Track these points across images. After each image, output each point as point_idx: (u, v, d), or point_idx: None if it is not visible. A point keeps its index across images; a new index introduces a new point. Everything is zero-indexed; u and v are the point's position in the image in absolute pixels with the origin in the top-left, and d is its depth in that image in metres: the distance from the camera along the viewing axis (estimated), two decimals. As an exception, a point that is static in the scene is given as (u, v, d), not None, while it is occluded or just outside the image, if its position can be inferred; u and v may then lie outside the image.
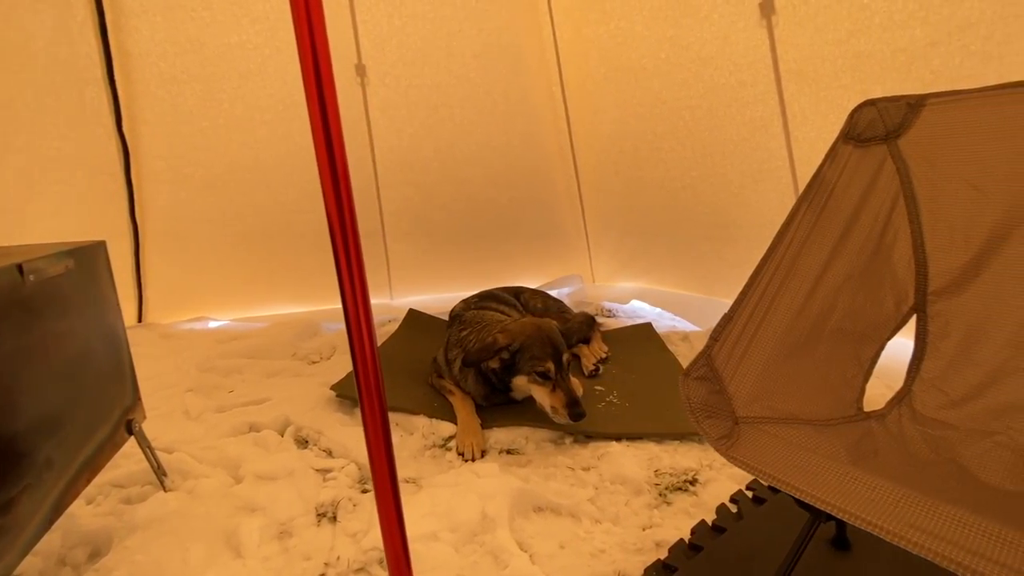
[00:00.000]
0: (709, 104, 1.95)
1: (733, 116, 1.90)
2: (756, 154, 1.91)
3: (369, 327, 0.62)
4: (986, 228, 0.92)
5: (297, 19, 0.53)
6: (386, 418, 0.65)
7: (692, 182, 2.21)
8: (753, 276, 0.94)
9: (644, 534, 1.21)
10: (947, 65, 1.36)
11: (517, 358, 1.57)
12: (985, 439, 0.84)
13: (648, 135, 2.23)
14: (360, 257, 0.60)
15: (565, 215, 2.92)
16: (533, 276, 3.10)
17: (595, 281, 3.21)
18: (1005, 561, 0.53)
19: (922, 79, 1.42)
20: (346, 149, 2.24)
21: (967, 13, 1.29)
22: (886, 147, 1.04)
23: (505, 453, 1.56)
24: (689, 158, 2.15)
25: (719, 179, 2.10)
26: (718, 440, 0.78)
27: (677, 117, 2.07)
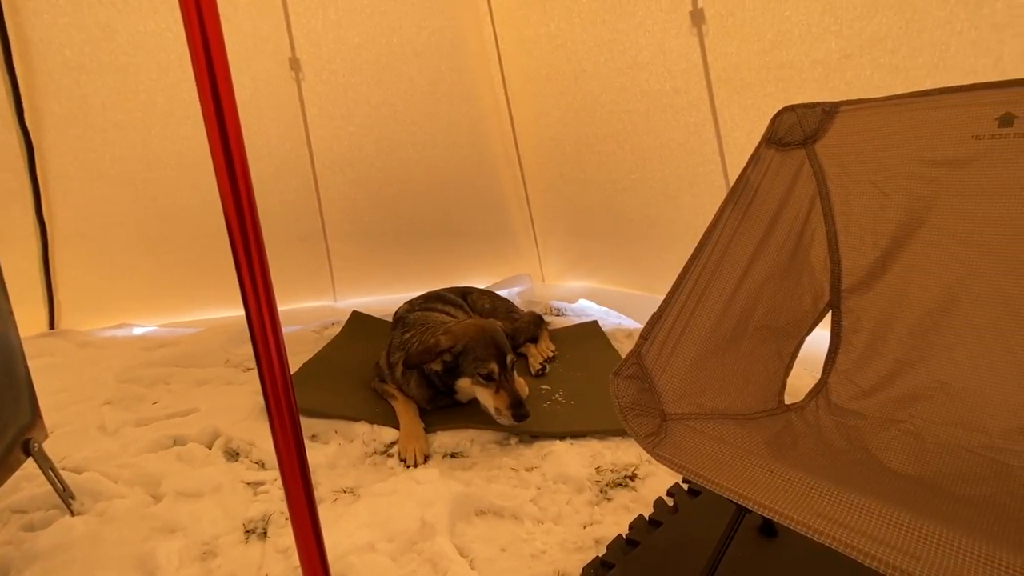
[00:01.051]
0: (646, 109, 2.00)
1: (669, 121, 1.96)
2: (691, 158, 1.98)
3: (277, 339, 0.58)
4: (891, 228, 0.98)
5: (185, 5, 0.49)
6: (299, 434, 0.61)
7: (632, 184, 2.26)
8: (681, 275, 0.96)
9: (585, 532, 1.22)
10: (859, 76, 1.45)
11: (460, 360, 1.55)
12: (891, 427, 0.90)
13: (589, 137, 2.26)
14: (264, 261, 0.56)
15: (514, 215, 2.92)
16: (482, 276, 3.08)
17: (545, 280, 3.23)
18: (900, 545, 0.57)
19: (838, 89, 1.51)
20: (281, 146, 2.17)
21: (876, 28, 1.38)
22: (804, 151, 1.09)
23: (449, 457, 1.54)
24: (629, 161, 2.20)
25: (657, 182, 2.16)
26: (645, 438, 0.79)
27: (616, 120, 2.11)
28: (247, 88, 2.12)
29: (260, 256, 0.55)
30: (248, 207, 0.54)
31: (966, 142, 0.92)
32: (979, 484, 0.78)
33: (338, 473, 1.44)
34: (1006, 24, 1.20)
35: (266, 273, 0.56)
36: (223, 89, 0.51)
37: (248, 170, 0.54)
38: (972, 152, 0.91)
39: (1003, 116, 0.89)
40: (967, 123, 0.92)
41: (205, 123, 0.51)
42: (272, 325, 0.58)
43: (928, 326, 0.93)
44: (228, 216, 0.54)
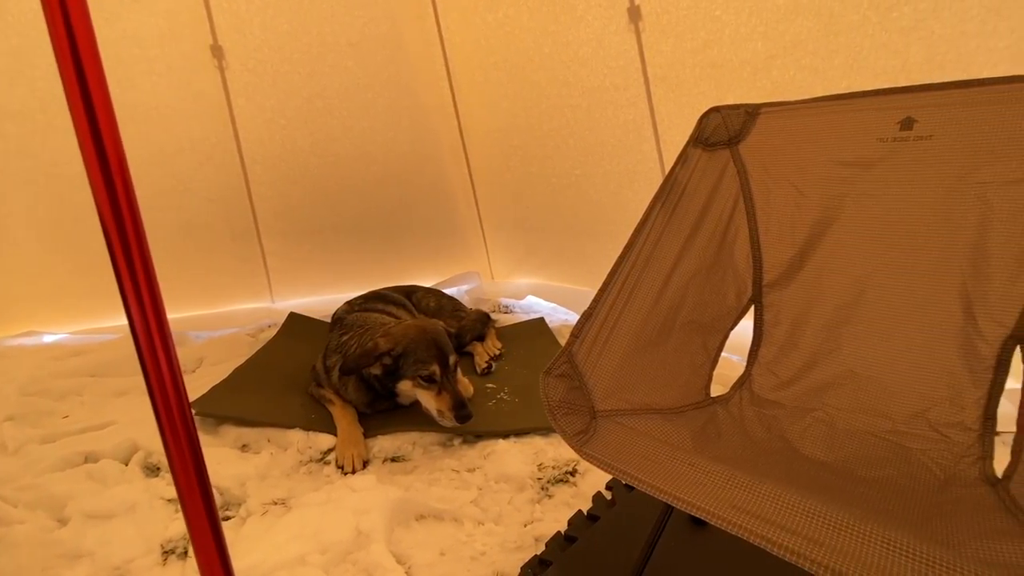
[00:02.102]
0: (588, 104, 2.02)
1: (609, 118, 1.98)
2: (631, 155, 2.01)
3: (167, 350, 0.53)
4: (807, 226, 1.03)
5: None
6: (196, 451, 0.56)
7: (576, 180, 2.28)
8: (611, 273, 0.97)
9: (525, 530, 1.22)
10: (783, 77, 1.51)
11: (400, 363, 1.51)
12: (807, 415, 0.94)
13: (535, 131, 2.26)
14: (148, 263, 0.51)
15: (461, 211, 2.88)
16: (429, 274, 3.02)
17: (494, 278, 3.21)
18: (806, 532, 0.59)
19: (765, 89, 1.57)
20: (205, 139, 2.03)
21: (798, 31, 1.44)
22: (729, 152, 1.12)
23: (390, 461, 1.50)
24: (572, 156, 2.21)
25: (600, 178, 2.18)
26: (574, 436, 0.79)
27: (560, 115, 2.12)
28: (163, 76, 1.97)
29: (143, 257, 0.50)
30: (127, 203, 0.49)
31: (872, 144, 0.97)
32: (883, 467, 0.83)
33: (269, 484, 1.37)
34: (912, 28, 1.29)
35: (151, 276, 0.51)
36: (89, 67, 0.45)
37: (124, 161, 0.48)
38: (877, 154, 0.97)
39: (904, 120, 0.95)
40: (873, 126, 0.97)
41: (69, 106, 0.46)
42: (160, 332, 0.53)
43: (840, 319, 0.98)
44: (102, 213, 0.49)
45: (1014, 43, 1.18)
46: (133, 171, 1.75)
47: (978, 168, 0.87)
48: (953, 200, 0.88)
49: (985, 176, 0.86)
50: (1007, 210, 0.84)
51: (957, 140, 0.89)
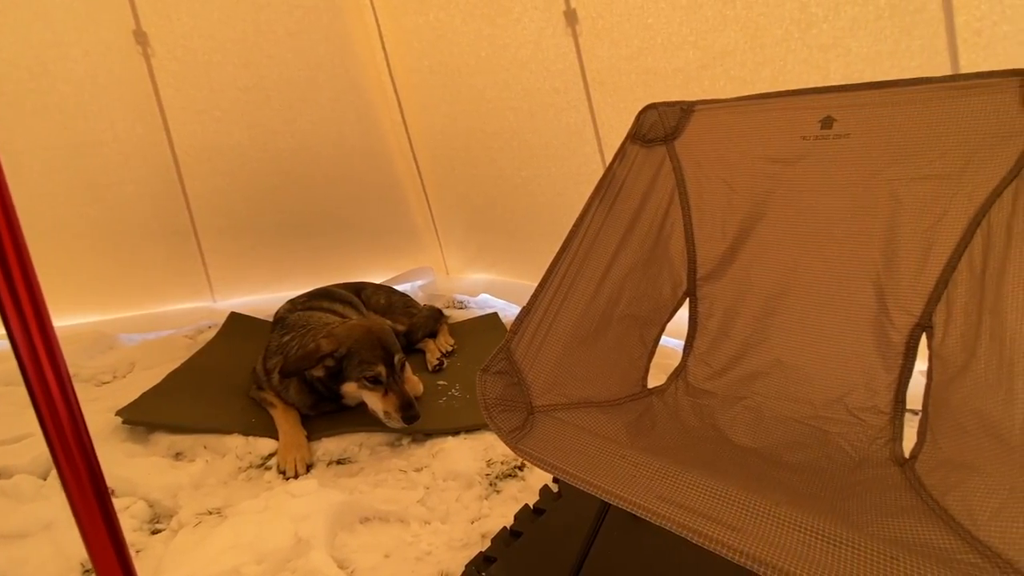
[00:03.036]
0: (529, 107, 2.01)
1: (551, 121, 1.98)
2: (574, 158, 2.02)
3: (52, 355, 0.49)
4: (737, 221, 1.06)
5: None
6: (94, 470, 0.52)
7: (523, 182, 2.27)
8: (550, 269, 0.97)
9: (472, 527, 1.21)
10: (714, 86, 1.55)
11: (344, 364, 1.47)
12: (737, 403, 0.98)
13: (478, 133, 2.24)
14: (26, 260, 0.46)
15: (412, 208, 2.83)
16: (383, 270, 2.96)
17: (449, 273, 3.18)
18: (727, 520, 0.61)
19: (696, 97, 1.60)
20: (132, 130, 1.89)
21: (727, 42, 1.48)
22: (665, 148, 1.14)
23: (335, 464, 1.46)
24: (517, 158, 2.20)
25: (544, 179, 2.19)
26: (509, 434, 0.78)
27: (502, 117, 2.10)
28: (79, 63, 1.82)
29: (19, 255, 0.46)
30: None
31: (796, 142, 1.01)
32: (805, 451, 0.87)
33: (204, 493, 1.31)
34: (831, 45, 1.35)
35: (29, 274, 0.46)
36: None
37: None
38: (801, 151, 1.01)
39: (824, 119, 0.99)
40: (796, 125, 1.01)
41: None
42: (43, 337, 0.48)
43: (768, 310, 1.02)
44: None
45: (925, 62, 1.26)
46: (49, 163, 1.65)
47: (890, 165, 0.92)
48: (867, 196, 0.93)
49: (896, 173, 0.91)
50: (915, 205, 0.89)
51: (871, 138, 0.94)
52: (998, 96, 0.83)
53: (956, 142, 0.86)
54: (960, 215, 0.84)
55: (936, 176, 0.87)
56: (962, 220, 0.84)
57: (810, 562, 0.54)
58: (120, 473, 1.34)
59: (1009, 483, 0.59)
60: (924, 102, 0.89)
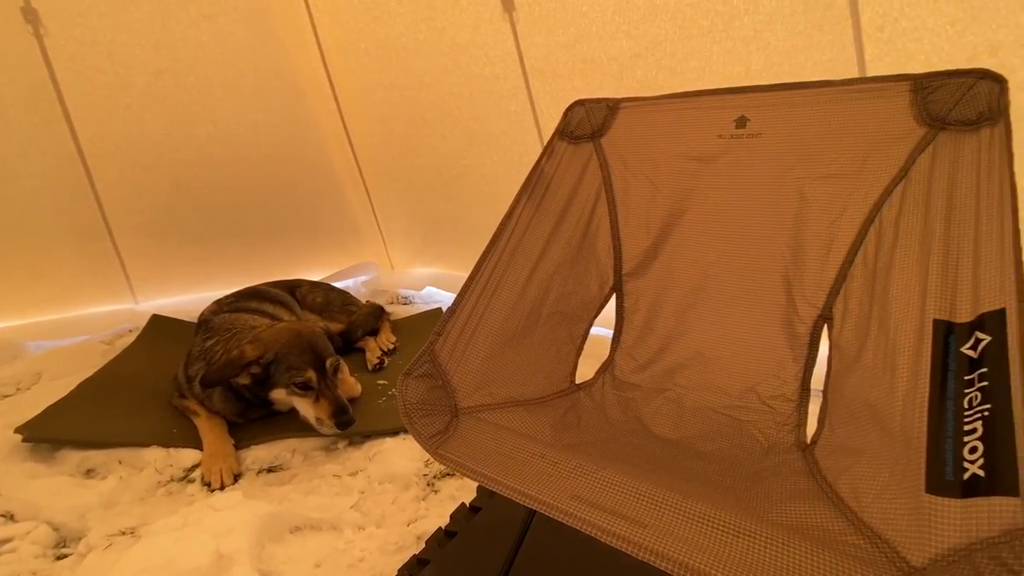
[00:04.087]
0: (470, 93, 1.98)
1: (492, 108, 1.96)
2: (516, 146, 2.01)
3: None
4: (660, 217, 1.09)
5: None
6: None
7: (465, 170, 2.25)
8: (476, 268, 0.96)
9: (408, 530, 1.20)
10: (647, 75, 1.58)
11: (272, 370, 1.40)
12: (659, 395, 1.01)
13: (418, 119, 2.19)
14: None
15: (351, 200, 2.74)
16: (323, 266, 2.86)
17: (393, 268, 3.11)
18: (634, 515, 0.62)
19: (631, 86, 1.63)
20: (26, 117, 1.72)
21: (658, 31, 1.51)
22: (592, 145, 1.15)
23: (266, 472, 1.41)
24: (459, 146, 2.17)
25: (488, 168, 2.17)
26: (429, 439, 0.77)
27: (443, 103, 2.06)
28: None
29: None
30: None
31: (713, 140, 1.04)
32: (720, 440, 0.90)
33: (117, 512, 1.22)
34: (752, 38, 1.40)
35: None
36: None
37: None
38: (717, 149, 1.04)
39: (739, 119, 1.02)
40: (713, 123, 1.04)
41: None
42: None
43: (689, 304, 1.05)
44: None
45: (835, 55, 1.32)
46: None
47: (796, 164, 0.96)
48: (777, 193, 0.97)
49: (802, 171, 0.96)
50: (818, 203, 0.94)
51: (780, 138, 0.98)
52: (890, 100, 0.89)
53: (854, 142, 0.91)
54: (857, 212, 0.89)
55: (837, 175, 0.92)
56: (859, 217, 0.89)
57: (709, 553, 0.56)
58: (20, 496, 1.23)
59: (889, 467, 0.64)
60: (826, 104, 0.94)
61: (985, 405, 0.56)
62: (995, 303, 0.61)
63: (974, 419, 0.56)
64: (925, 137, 0.84)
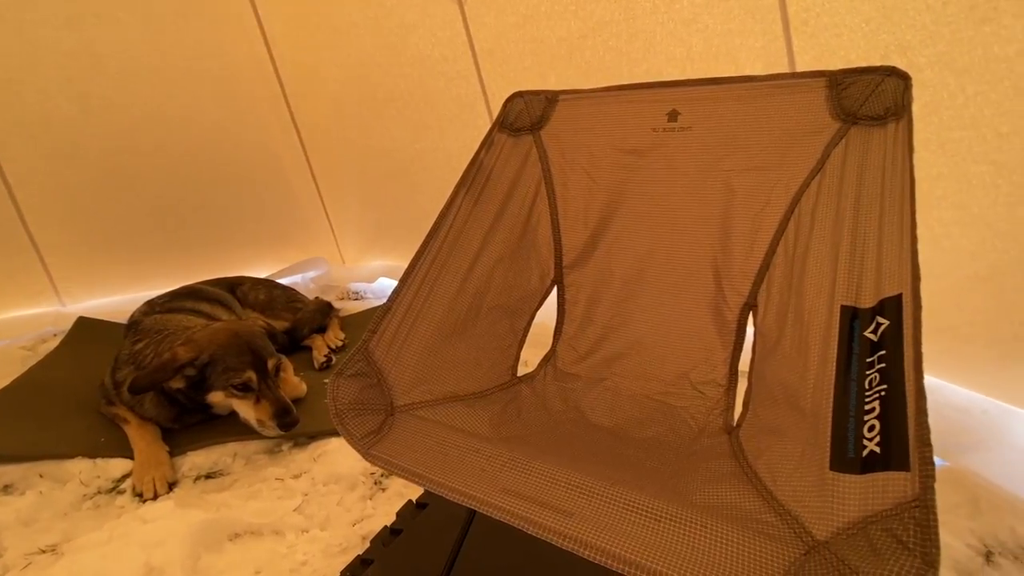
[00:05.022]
0: (419, 75, 1.94)
1: (442, 90, 1.93)
2: (467, 131, 1.99)
3: None
4: (597, 210, 1.10)
5: None
6: None
7: (418, 154, 2.20)
8: (413, 262, 0.94)
9: (353, 530, 1.18)
10: (595, 56, 1.59)
11: (207, 372, 1.34)
12: (598, 385, 1.02)
13: (369, 100, 2.12)
14: None
15: (298, 189, 2.65)
16: (268, 263, 2.76)
17: (345, 262, 3.03)
18: (562, 506, 0.63)
19: (580, 67, 1.64)
20: None
21: (603, 12, 1.52)
22: (532, 137, 1.15)
23: (204, 479, 1.35)
24: (411, 129, 2.13)
25: (441, 152, 2.13)
26: (361, 439, 0.76)
27: (393, 84, 2.01)
28: None
29: None
30: None
31: (647, 133, 1.06)
32: (654, 426, 0.93)
33: (36, 530, 1.15)
34: (691, 20, 1.42)
35: None
36: None
37: None
38: (651, 142, 1.05)
39: (671, 112, 1.04)
40: (647, 117, 1.06)
41: None
42: None
43: (626, 294, 1.07)
44: None
45: (767, 43, 1.37)
46: None
47: (724, 157, 0.99)
48: (706, 185, 1.00)
49: (730, 164, 0.99)
50: (745, 194, 0.97)
51: (709, 131, 1.00)
52: (808, 95, 0.92)
53: (776, 136, 0.94)
54: (779, 204, 0.93)
55: (761, 168, 0.95)
56: (781, 208, 0.93)
57: (631, 539, 0.58)
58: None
59: (802, 446, 0.67)
60: (751, 99, 0.97)
61: (882, 386, 0.60)
62: (894, 289, 0.65)
63: (873, 399, 0.60)
64: (839, 131, 0.88)
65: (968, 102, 1.13)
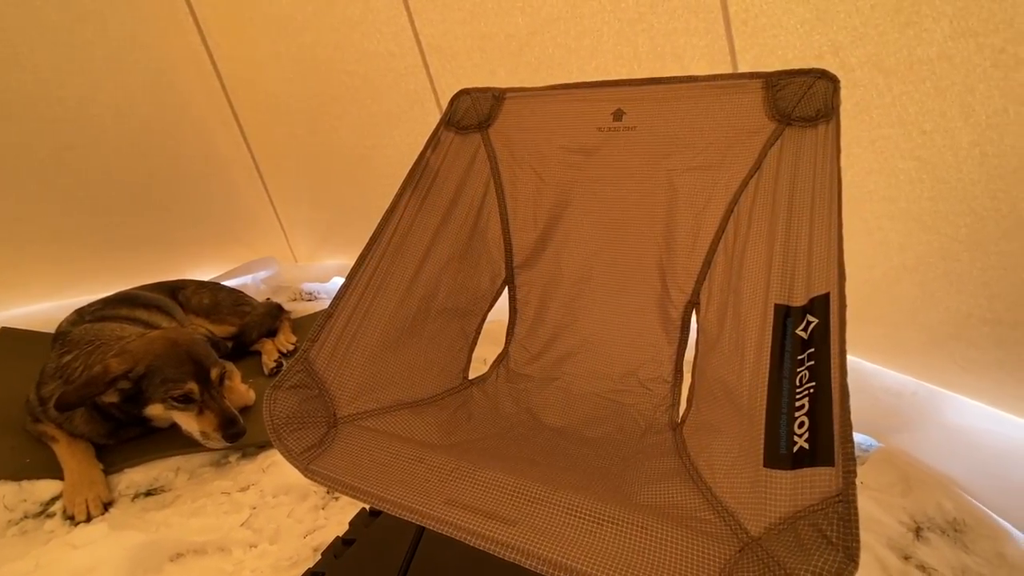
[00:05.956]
0: (365, 71, 1.88)
1: (390, 87, 1.88)
2: (418, 127, 1.95)
3: None
4: (546, 209, 1.09)
5: None
6: None
7: (368, 152, 2.15)
8: (356, 267, 0.91)
9: (305, 543, 1.15)
10: (545, 52, 1.58)
11: (144, 385, 1.26)
12: (550, 385, 1.02)
13: (315, 97, 2.05)
14: None
15: (243, 188, 2.53)
16: (216, 263, 2.64)
17: (297, 261, 2.94)
18: (505, 514, 0.62)
19: (530, 64, 1.62)
20: None
21: (552, 9, 1.51)
22: (479, 135, 1.13)
23: (143, 497, 1.28)
24: (359, 126, 2.07)
25: (392, 150, 2.09)
26: (300, 455, 0.73)
27: (338, 81, 1.95)
28: None
29: None
30: None
31: (593, 133, 1.06)
32: (603, 424, 0.94)
33: (-47, 562, 1.06)
34: (637, 20, 1.43)
35: None
36: None
37: None
38: (597, 141, 1.06)
39: (616, 111, 1.05)
40: (593, 116, 1.06)
41: None
42: None
43: (576, 294, 1.07)
44: None
45: (711, 42, 1.39)
46: None
47: (668, 156, 1.00)
48: (651, 184, 1.01)
49: (673, 164, 1.00)
50: (688, 194, 0.99)
51: (653, 131, 1.01)
52: (747, 95, 0.94)
53: (716, 136, 0.96)
54: (720, 203, 0.95)
55: (702, 167, 0.97)
56: (721, 207, 0.95)
57: (572, 545, 0.58)
58: None
59: (739, 443, 0.69)
60: (693, 99, 0.98)
61: (811, 383, 0.62)
62: (823, 288, 0.68)
63: (803, 396, 0.62)
64: (775, 132, 0.91)
65: (895, 101, 1.19)
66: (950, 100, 1.12)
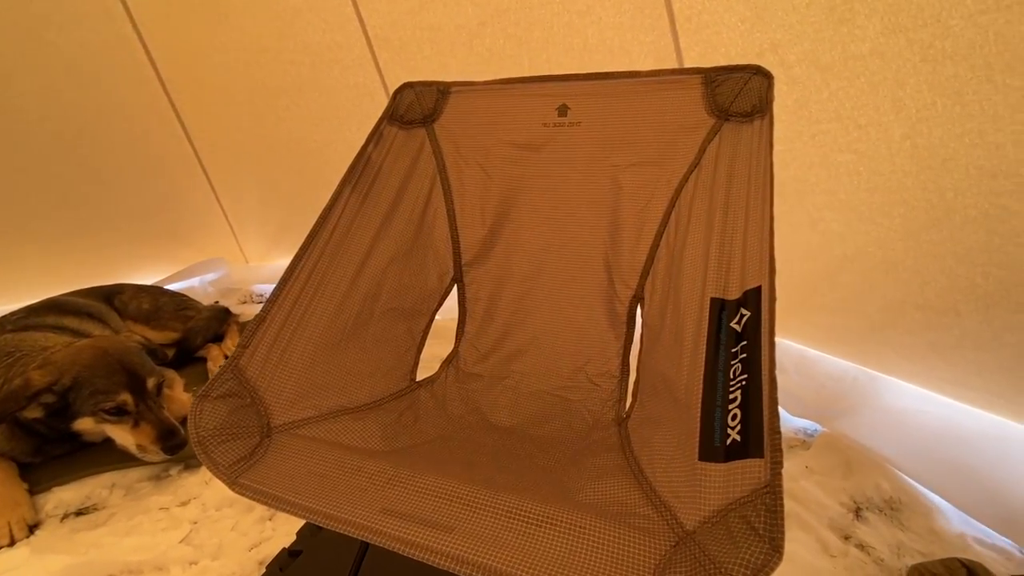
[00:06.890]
0: (312, 61, 1.82)
1: (337, 79, 1.83)
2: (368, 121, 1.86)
3: None
4: (494, 206, 1.08)
5: None
6: None
7: (317, 147, 2.08)
8: (290, 268, 0.87)
9: (250, 556, 1.10)
10: (495, 44, 1.56)
11: (71, 398, 1.18)
12: (499, 384, 1.01)
13: (261, 88, 1.97)
14: None
15: (186, 185, 2.41)
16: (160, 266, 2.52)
17: (248, 262, 2.83)
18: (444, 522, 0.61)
19: (481, 55, 1.60)
20: None
21: (499, 0, 1.49)
22: (424, 130, 1.10)
23: (73, 517, 1.20)
24: (309, 119, 2.00)
25: (341, 144, 2.03)
26: (229, 468, 0.69)
27: (284, 71, 1.88)
28: None
29: None
30: None
31: (539, 128, 1.05)
32: (552, 422, 0.93)
33: None
34: (585, 12, 1.43)
35: None
36: None
37: None
38: (543, 137, 1.04)
39: (560, 107, 1.04)
40: (539, 111, 1.04)
41: None
42: None
43: (525, 291, 1.06)
44: None
45: (657, 38, 1.40)
46: None
47: (612, 152, 1.00)
48: (596, 180, 1.01)
49: (617, 159, 1.00)
50: (631, 189, 0.99)
51: (597, 126, 1.01)
52: (687, 91, 0.95)
53: (658, 132, 0.96)
54: (663, 198, 0.95)
55: (645, 163, 0.97)
56: (664, 202, 0.95)
57: (509, 549, 0.57)
58: None
59: (677, 437, 0.69)
60: (635, 95, 0.98)
61: (744, 375, 0.62)
62: (755, 281, 0.68)
63: (736, 388, 0.63)
64: (713, 127, 0.91)
65: (832, 96, 1.22)
66: (883, 95, 1.16)
